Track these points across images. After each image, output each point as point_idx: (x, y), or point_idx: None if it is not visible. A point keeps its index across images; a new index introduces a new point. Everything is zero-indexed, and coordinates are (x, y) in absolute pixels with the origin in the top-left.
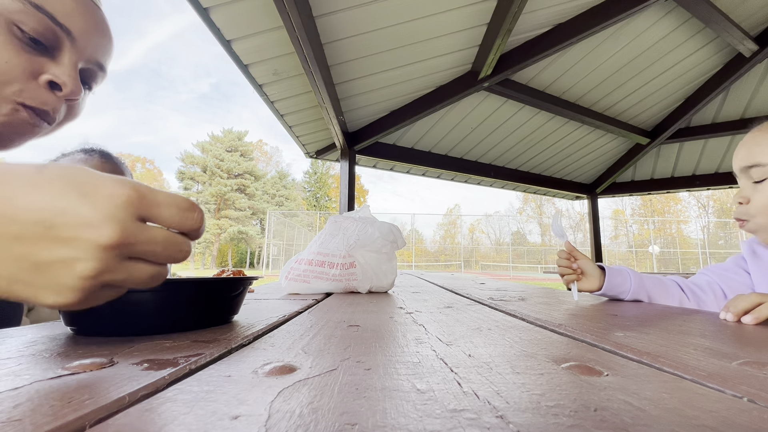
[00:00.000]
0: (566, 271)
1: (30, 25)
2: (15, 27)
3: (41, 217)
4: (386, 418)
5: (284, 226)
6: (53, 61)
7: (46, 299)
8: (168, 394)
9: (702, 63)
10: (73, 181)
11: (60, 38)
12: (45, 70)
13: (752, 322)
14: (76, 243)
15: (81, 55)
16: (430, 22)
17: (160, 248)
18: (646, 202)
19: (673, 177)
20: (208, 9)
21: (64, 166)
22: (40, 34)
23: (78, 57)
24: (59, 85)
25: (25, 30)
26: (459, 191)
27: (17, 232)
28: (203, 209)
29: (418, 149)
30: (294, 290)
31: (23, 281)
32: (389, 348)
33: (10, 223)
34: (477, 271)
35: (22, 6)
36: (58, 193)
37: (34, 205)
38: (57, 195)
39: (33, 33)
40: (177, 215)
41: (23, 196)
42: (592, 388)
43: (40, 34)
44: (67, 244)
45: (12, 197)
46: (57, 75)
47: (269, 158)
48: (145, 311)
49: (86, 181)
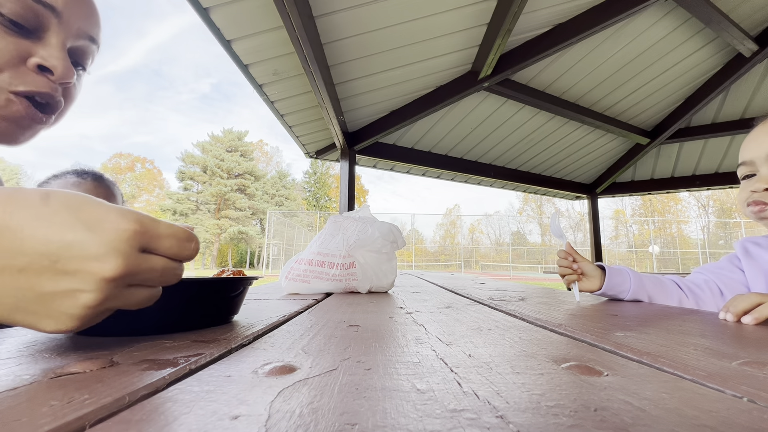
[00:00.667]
0: (567, 272)
1: (8, 6)
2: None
3: (48, 251)
4: (386, 418)
5: (284, 226)
6: (39, 43)
7: (46, 326)
8: (168, 394)
9: (702, 63)
10: (78, 213)
11: (43, 17)
12: (32, 53)
13: (752, 323)
14: (80, 275)
15: (68, 33)
16: (430, 22)
17: (158, 275)
18: (646, 202)
19: (673, 177)
20: (208, 9)
21: (68, 196)
22: (21, 16)
23: (65, 35)
24: (49, 68)
25: (3, 13)
26: (459, 191)
27: (23, 265)
28: (197, 237)
29: (418, 149)
30: (294, 290)
31: (25, 310)
32: (389, 348)
33: (16, 256)
34: (477, 271)
35: None
36: (65, 226)
37: (40, 239)
38: (63, 228)
39: (12, 15)
40: (176, 246)
41: (30, 229)
42: (592, 388)
43: (21, 16)
44: (72, 276)
45: (18, 230)
46: (45, 58)
47: (269, 158)
48: (145, 311)
49: (92, 214)
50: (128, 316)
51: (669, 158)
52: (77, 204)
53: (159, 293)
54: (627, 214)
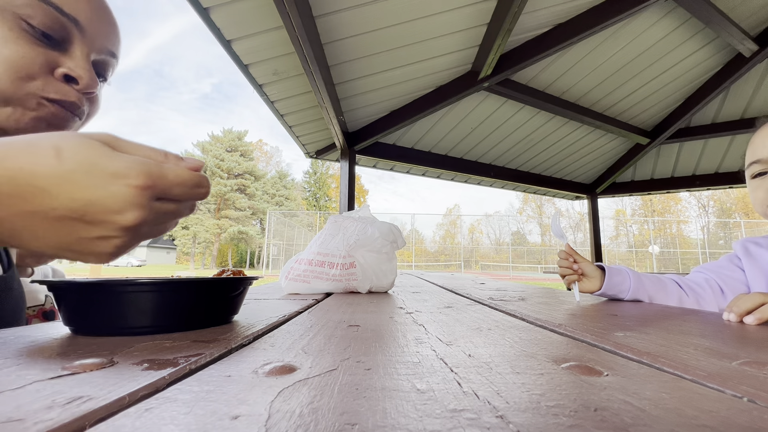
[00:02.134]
0: (567, 272)
1: (38, 18)
2: (24, 22)
3: (75, 206)
4: (386, 418)
5: (284, 226)
6: (65, 55)
7: (90, 261)
8: (168, 394)
9: (702, 63)
10: (93, 171)
11: (69, 30)
12: (59, 63)
13: (754, 323)
14: (106, 225)
15: (92, 46)
16: (430, 22)
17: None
18: (646, 202)
19: (673, 177)
20: (208, 9)
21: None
22: (49, 27)
23: (89, 48)
24: (75, 78)
25: (34, 24)
26: (459, 191)
27: (59, 215)
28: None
29: (418, 149)
30: (294, 290)
31: (69, 249)
32: (389, 348)
33: (51, 209)
34: (477, 271)
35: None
36: (84, 186)
37: (66, 197)
38: (83, 188)
39: (42, 27)
40: (187, 193)
41: (56, 189)
42: (592, 388)
43: (49, 27)
44: (100, 226)
45: (47, 189)
46: (72, 68)
47: (269, 158)
48: (145, 311)
49: (105, 171)
50: (128, 315)
51: (669, 158)
52: (91, 160)
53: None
54: (627, 214)
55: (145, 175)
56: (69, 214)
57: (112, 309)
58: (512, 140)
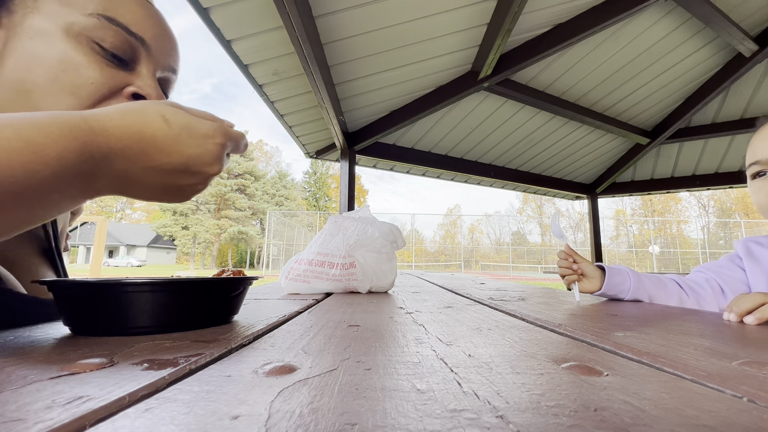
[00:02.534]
0: (567, 272)
1: (109, 40)
2: (96, 45)
3: (181, 161)
4: (386, 418)
5: (284, 226)
6: (133, 74)
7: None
8: (168, 394)
9: (702, 63)
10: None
11: (136, 49)
12: (128, 82)
13: (755, 323)
14: (200, 175)
15: (157, 64)
16: (430, 22)
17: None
18: (646, 202)
19: (673, 177)
20: (208, 9)
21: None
22: (119, 48)
23: (155, 66)
24: (143, 96)
25: (105, 46)
26: (459, 191)
27: (168, 169)
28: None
29: (418, 149)
30: (294, 290)
31: (166, 193)
32: (389, 348)
33: (166, 164)
34: (477, 271)
35: (98, 22)
36: (188, 145)
37: (177, 155)
38: (188, 147)
39: (113, 48)
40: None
41: (170, 148)
42: (592, 388)
43: (119, 48)
44: (195, 176)
45: (164, 149)
46: (141, 87)
47: (269, 158)
48: (145, 311)
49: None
50: (128, 315)
51: (669, 158)
52: (188, 124)
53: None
54: (627, 214)
55: (222, 134)
56: (177, 167)
57: (112, 309)
58: (512, 140)
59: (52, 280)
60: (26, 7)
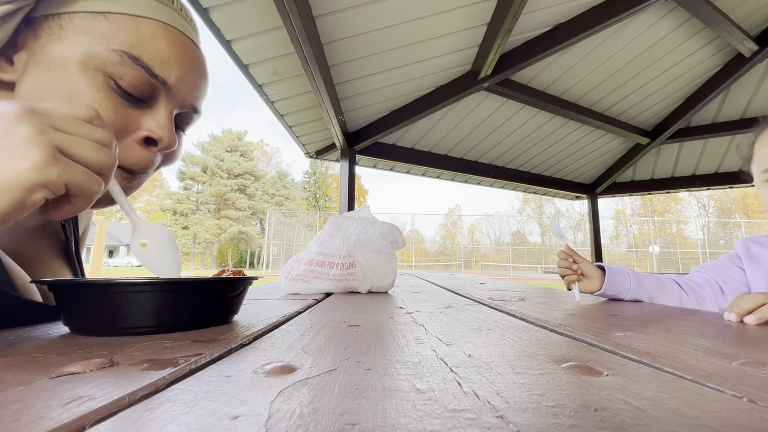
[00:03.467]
0: (567, 272)
1: (127, 80)
2: (112, 81)
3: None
4: (386, 418)
5: (284, 226)
6: (148, 112)
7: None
8: (168, 394)
9: (702, 63)
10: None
11: (156, 89)
12: (140, 124)
13: (755, 323)
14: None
15: (176, 103)
16: (430, 22)
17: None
18: (646, 202)
19: (673, 177)
20: (208, 9)
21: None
22: (136, 88)
23: (173, 105)
24: (155, 139)
25: (122, 85)
26: (459, 191)
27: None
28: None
29: (418, 149)
30: (294, 290)
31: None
32: (389, 348)
33: None
34: (477, 271)
35: (119, 59)
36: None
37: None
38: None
39: (130, 88)
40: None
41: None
42: (592, 388)
43: (137, 89)
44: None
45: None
46: (153, 130)
47: (269, 158)
48: (145, 311)
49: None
50: (128, 315)
51: (669, 158)
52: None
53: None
54: (627, 214)
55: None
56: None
57: (112, 309)
58: (512, 140)
59: (52, 280)
60: (51, 34)
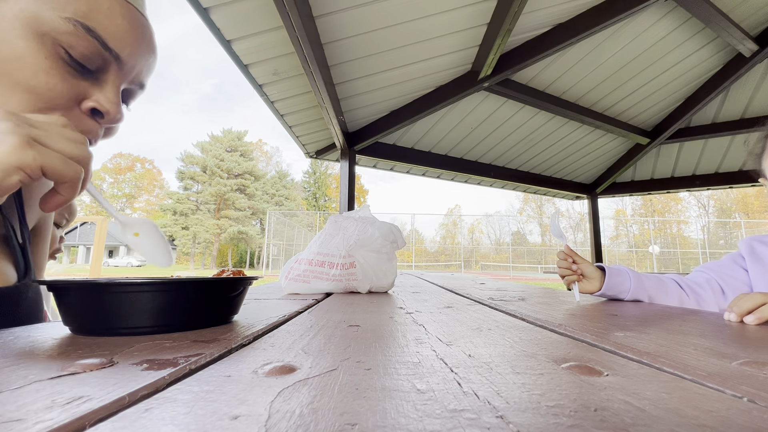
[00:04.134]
0: (566, 272)
1: (79, 50)
2: (62, 49)
3: None
4: (386, 418)
5: (284, 226)
6: (97, 85)
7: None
8: (168, 394)
9: (702, 63)
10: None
11: (107, 62)
12: (88, 95)
13: (755, 322)
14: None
15: (125, 78)
16: (430, 22)
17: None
18: (646, 202)
19: (673, 177)
20: (208, 9)
21: None
22: (88, 59)
23: (122, 80)
24: (102, 112)
25: (72, 54)
26: (459, 191)
27: None
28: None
29: (418, 149)
30: (294, 290)
31: None
32: (389, 348)
33: None
34: (477, 271)
35: (72, 28)
36: None
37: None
38: None
39: (80, 58)
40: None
41: None
42: (592, 388)
43: (88, 59)
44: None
45: None
46: (101, 102)
47: (269, 158)
48: (145, 311)
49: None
50: (128, 315)
51: (669, 158)
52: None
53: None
54: (627, 214)
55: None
56: None
57: (112, 309)
58: (512, 140)
59: (52, 280)
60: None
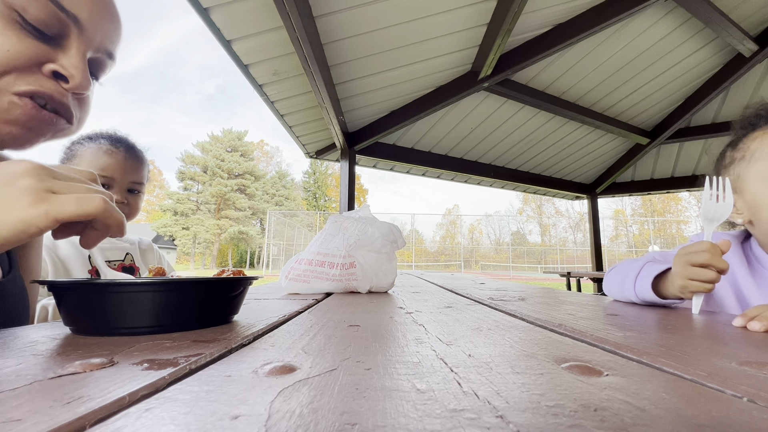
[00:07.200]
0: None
1: (33, 13)
2: (15, 13)
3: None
4: (386, 418)
5: (284, 226)
6: (60, 50)
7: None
8: (168, 394)
9: (702, 63)
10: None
11: (66, 26)
12: (51, 59)
13: (761, 330)
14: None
15: (89, 44)
16: (430, 22)
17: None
18: (646, 202)
19: (673, 177)
20: (208, 9)
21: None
22: (44, 23)
23: (86, 46)
24: (65, 77)
25: (26, 17)
26: (459, 191)
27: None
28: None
29: (418, 149)
30: (294, 290)
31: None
32: (389, 348)
33: None
34: (477, 271)
35: None
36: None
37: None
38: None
39: (36, 22)
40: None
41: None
42: (592, 388)
43: (44, 23)
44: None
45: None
46: (64, 66)
47: (269, 158)
48: (145, 311)
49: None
50: (128, 315)
51: (669, 158)
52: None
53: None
54: (627, 214)
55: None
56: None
57: (112, 309)
58: (512, 140)
59: (52, 280)
60: None
